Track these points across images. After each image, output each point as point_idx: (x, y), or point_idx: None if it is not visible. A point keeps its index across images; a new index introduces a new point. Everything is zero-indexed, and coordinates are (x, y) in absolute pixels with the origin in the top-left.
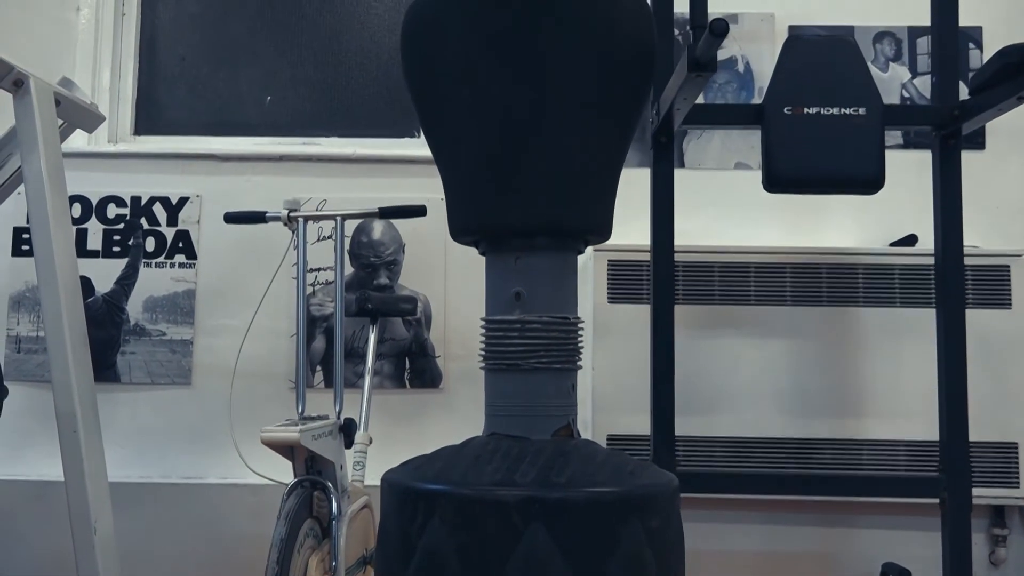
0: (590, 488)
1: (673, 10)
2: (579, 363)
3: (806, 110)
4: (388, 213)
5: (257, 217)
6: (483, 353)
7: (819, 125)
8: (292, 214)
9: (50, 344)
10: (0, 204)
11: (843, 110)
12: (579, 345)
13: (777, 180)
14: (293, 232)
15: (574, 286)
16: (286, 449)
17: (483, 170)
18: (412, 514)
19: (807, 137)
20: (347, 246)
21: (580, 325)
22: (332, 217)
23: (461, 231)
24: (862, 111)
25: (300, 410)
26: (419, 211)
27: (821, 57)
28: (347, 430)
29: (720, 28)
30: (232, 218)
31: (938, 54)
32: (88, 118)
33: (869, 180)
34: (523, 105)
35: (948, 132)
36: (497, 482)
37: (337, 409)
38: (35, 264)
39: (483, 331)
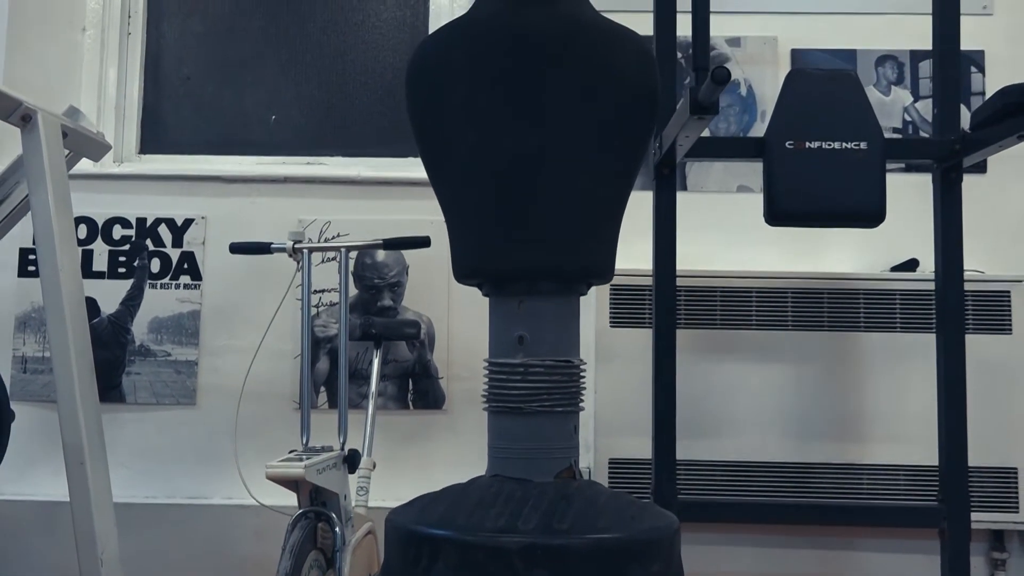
0: (592, 535)
1: (676, 53)
2: (581, 405)
3: (808, 144)
4: (392, 245)
5: (262, 248)
6: (486, 395)
7: (821, 159)
8: (297, 245)
9: (57, 376)
10: (8, 230)
11: (845, 144)
12: (581, 387)
13: (779, 214)
14: (298, 263)
15: (577, 329)
16: (291, 483)
17: (487, 213)
18: (416, 558)
19: (809, 171)
20: (351, 267)
21: (583, 367)
22: (336, 249)
23: (464, 274)
24: (863, 145)
25: (305, 441)
26: (423, 242)
27: (823, 91)
28: (351, 461)
29: (722, 76)
30: (237, 248)
31: (939, 86)
32: (94, 147)
33: (871, 214)
34: (528, 149)
35: (949, 165)
36: (500, 528)
37: (342, 440)
38: (43, 296)
39: (486, 373)
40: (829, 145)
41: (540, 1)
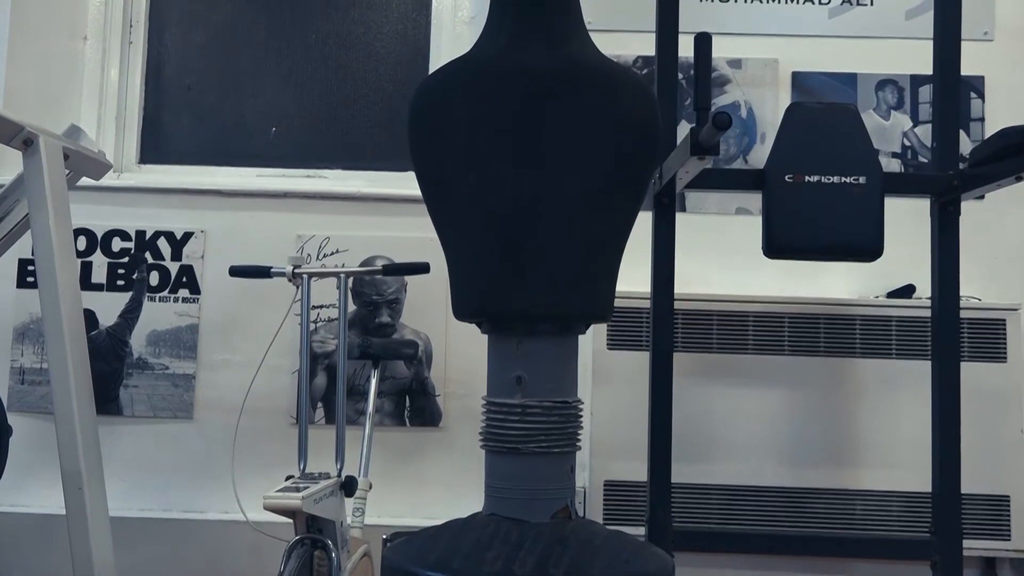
0: None
1: (677, 74)
2: (579, 444)
3: (807, 178)
4: (391, 271)
5: (262, 272)
6: (483, 434)
7: (819, 193)
8: (296, 270)
9: (55, 394)
10: (9, 247)
11: (843, 178)
12: (579, 427)
13: (777, 247)
14: (298, 287)
15: (575, 368)
16: (288, 513)
17: (487, 255)
18: None
19: (807, 205)
20: (349, 284)
21: (580, 406)
22: (336, 274)
23: (463, 313)
24: (862, 180)
25: (302, 467)
26: (422, 268)
27: (822, 124)
28: (348, 487)
29: (723, 122)
30: (237, 272)
31: (939, 118)
32: (95, 167)
33: (868, 249)
34: (528, 192)
35: (947, 200)
36: (496, 572)
37: (338, 467)
38: (42, 316)
39: (484, 412)
40: (828, 179)
41: (542, 42)
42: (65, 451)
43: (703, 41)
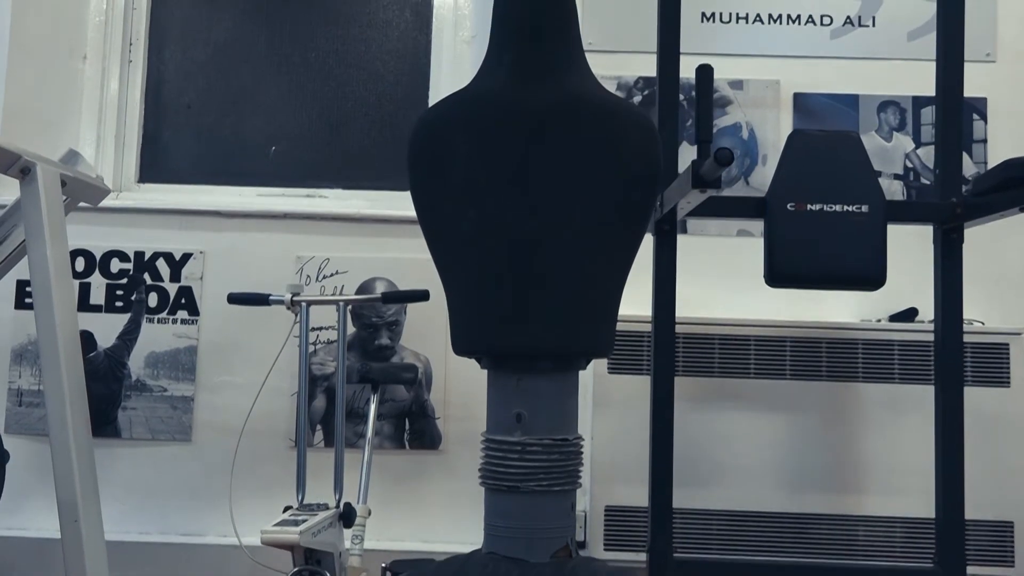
0: None
1: (679, 95)
2: (579, 481)
3: (809, 206)
4: (391, 299)
5: (260, 300)
6: (483, 471)
7: (822, 222)
8: (295, 298)
9: (50, 419)
10: (7, 272)
11: (846, 207)
12: (579, 464)
13: (779, 276)
14: (296, 315)
15: (575, 404)
16: (286, 546)
17: (486, 291)
18: None
19: (809, 234)
20: (348, 311)
21: (581, 443)
22: (335, 302)
23: (463, 349)
24: (864, 208)
25: (300, 499)
26: (422, 296)
27: (824, 152)
28: (347, 517)
29: (725, 158)
30: (235, 299)
31: (941, 144)
32: (93, 193)
33: (871, 278)
34: (528, 229)
35: (950, 227)
36: None
37: (337, 497)
38: (39, 344)
39: (483, 449)
40: (830, 207)
41: (542, 76)
42: (61, 481)
43: (704, 73)
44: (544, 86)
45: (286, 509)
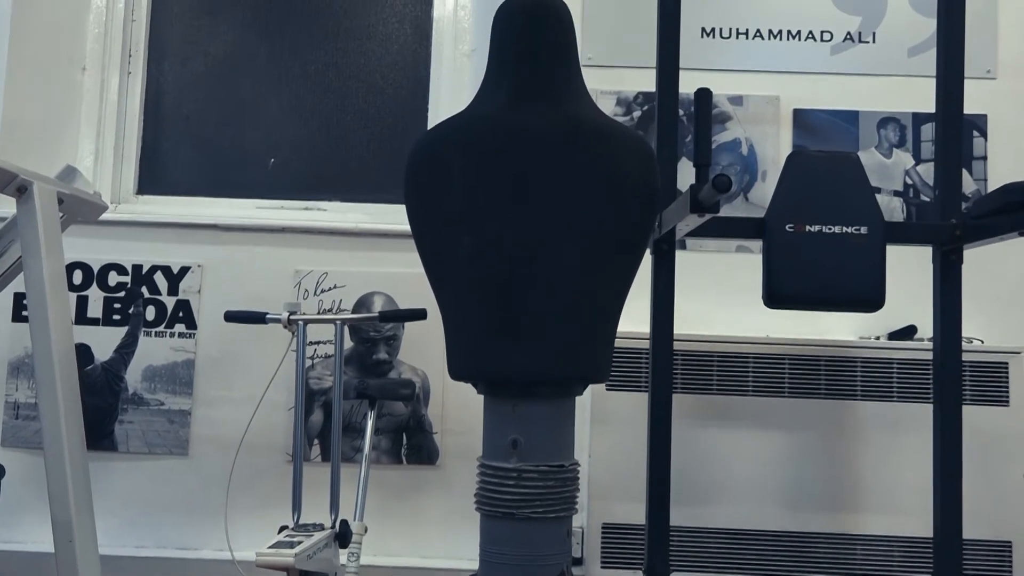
0: None
1: (678, 110)
2: (576, 507)
3: (808, 228)
4: (388, 317)
5: (257, 318)
6: (478, 497)
7: (820, 243)
8: (292, 317)
9: (45, 435)
10: (3, 288)
11: (845, 228)
12: (576, 490)
13: (777, 297)
14: (293, 333)
15: (572, 430)
16: (280, 568)
17: (483, 316)
18: None
19: (808, 255)
20: (345, 329)
21: (577, 469)
22: (331, 321)
23: (459, 374)
24: (863, 230)
25: (296, 519)
26: (419, 315)
27: (823, 173)
28: (342, 537)
29: (723, 184)
30: (232, 317)
31: (941, 164)
32: (90, 209)
33: (869, 300)
34: (526, 254)
35: (949, 249)
36: None
37: (333, 517)
38: (34, 360)
39: (479, 475)
40: (829, 229)
41: (540, 100)
42: (56, 500)
43: (703, 96)
44: (542, 110)
45: (282, 529)
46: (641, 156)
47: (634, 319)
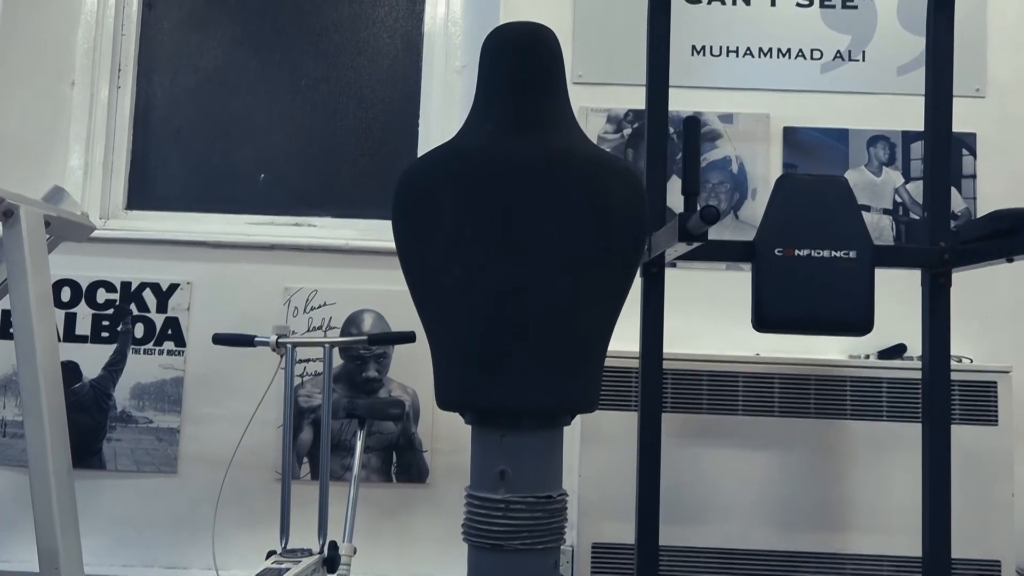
0: None
1: (668, 128)
2: (564, 538)
3: (797, 252)
4: (376, 340)
5: (246, 340)
6: (466, 528)
7: (810, 267)
8: (280, 340)
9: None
10: None
11: (834, 253)
12: (564, 520)
13: (767, 321)
14: (282, 356)
15: (560, 460)
16: None
17: (472, 348)
18: None
19: (798, 279)
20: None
21: (565, 500)
22: (320, 344)
23: (447, 404)
24: (852, 254)
25: (283, 544)
26: (408, 338)
27: (813, 197)
28: (331, 563)
29: (710, 216)
30: (221, 340)
31: (930, 186)
32: (78, 230)
33: (858, 324)
34: (513, 285)
35: (938, 272)
36: None
37: (321, 543)
38: (19, 384)
39: (466, 506)
40: (818, 253)
41: (527, 131)
42: (41, 526)
43: (691, 126)
44: (529, 140)
45: (269, 554)
46: (629, 187)
47: (624, 338)
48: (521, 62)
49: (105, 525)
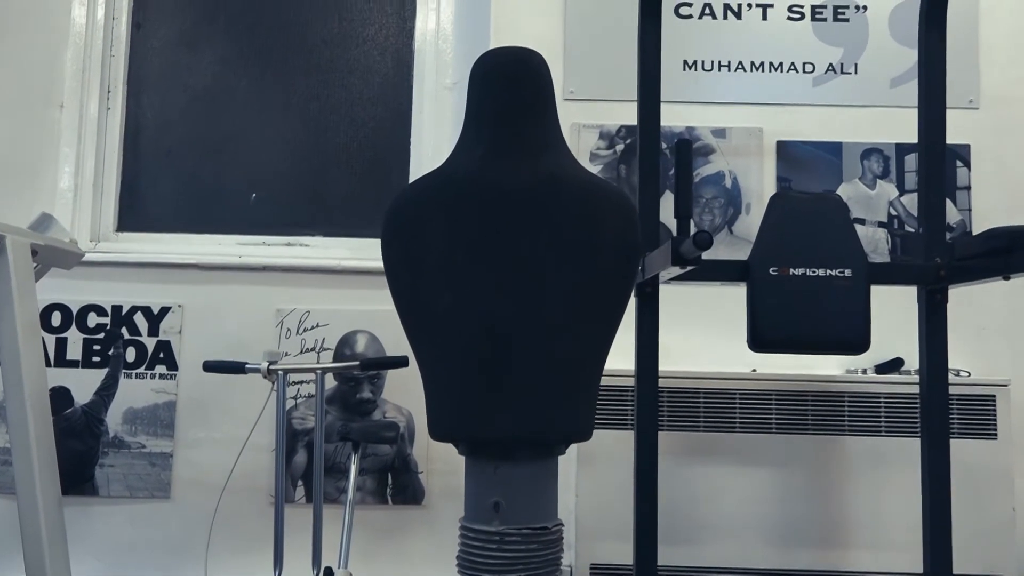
0: None
1: (660, 144)
2: (559, 570)
3: (792, 271)
4: (369, 365)
5: (236, 368)
6: (460, 560)
7: (805, 287)
8: (272, 367)
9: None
10: None
11: (829, 271)
12: (559, 551)
13: (762, 341)
14: (273, 383)
15: (555, 490)
16: None
17: (464, 378)
18: None
19: (793, 299)
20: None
21: (560, 530)
22: (312, 370)
23: (439, 435)
24: (848, 272)
25: (277, 573)
26: (401, 362)
27: (807, 215)
28: None
29: (704, 242)
30: (211, 367)
31: (924, 203)
32: (65, 257)
33: (854, 344)
34: (506, 313)
35: (935, 288)
36: None
37: (316, 570)
38: (7, 414)
39: (460, 538)
40: (813, 271)
41: (519, 155)
42: (30, 555)
43: (683, 148)
44: (519, 167)
45: None
46: (621, 211)
47: (619, 356)
48: (510, 88)
49: (98, 552)
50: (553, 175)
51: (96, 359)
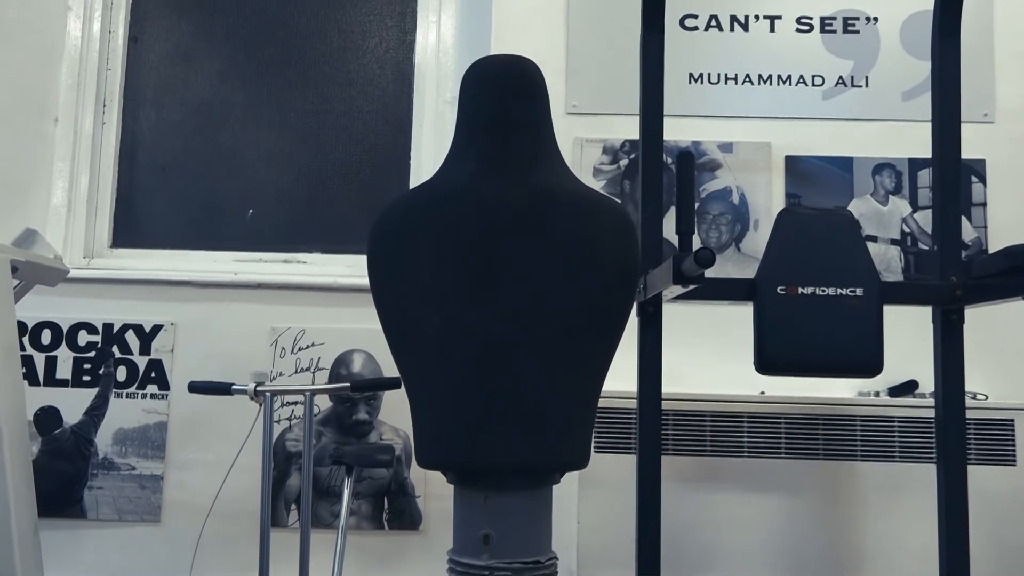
0: None
1: (662, 156)
2: None
3: (800, 290)
4: (360, 387)
5: (223, 389)
6: None
7: (814, 306)
8: (259, 388)
9: None
10: None
11: (839, 290)
12: None
13: (770, 363)
14: (260, 405)
15: (548, 521)
16: None
17: (453, 403)
18: None
19: (801, 319)
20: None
21: (554, 564)
22: (301, 392)
23: (427, 463)
24: (859, 291)
25: None
26: (394, 384)
27: (816, 231)
28: None
29: (705, 259)
30: (197, 388)
31: (939, 221)
32: (49, 274)
33: (867, 366)
34: (496, 335)
35: (950, 308)
36: None
37: None
38: None
39: (448, 571)
40: (823, 291)
41: (510, 170)
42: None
43: (685, 161)
44: (513, 181)
45: None
46: (619, 227)
47: (621, 377)
48: (503, 99)
49: None
50: (547, 189)
51: (86, 378)
